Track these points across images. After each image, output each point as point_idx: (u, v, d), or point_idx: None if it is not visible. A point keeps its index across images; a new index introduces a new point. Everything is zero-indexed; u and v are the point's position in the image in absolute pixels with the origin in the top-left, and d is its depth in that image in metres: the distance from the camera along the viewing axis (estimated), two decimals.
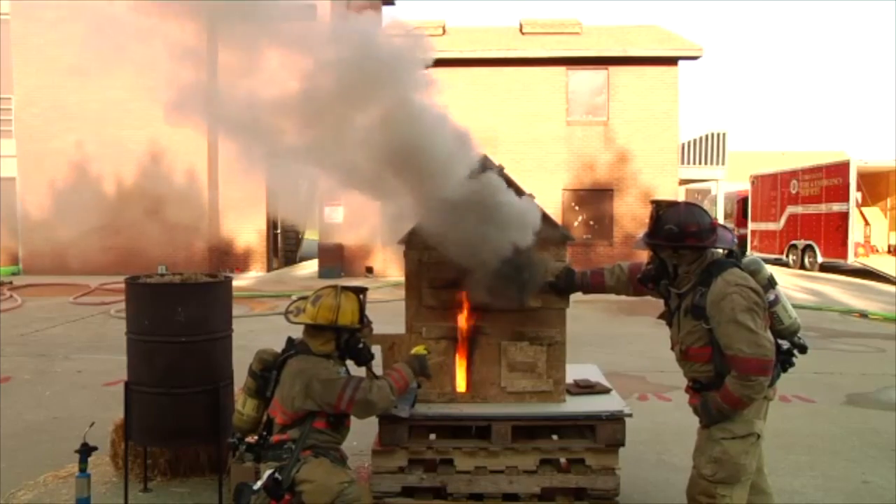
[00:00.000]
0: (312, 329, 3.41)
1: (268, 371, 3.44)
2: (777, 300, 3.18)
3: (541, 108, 19.39)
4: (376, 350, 3.90)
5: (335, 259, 18.88)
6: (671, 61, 19.39)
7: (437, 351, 3.92)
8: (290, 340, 3.51)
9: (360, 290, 3.53)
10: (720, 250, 3.21)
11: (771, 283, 3.19)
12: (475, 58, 18.67)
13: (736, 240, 3.34)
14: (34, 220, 18.45)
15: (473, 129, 3.68)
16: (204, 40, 3.38)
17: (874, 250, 19.22)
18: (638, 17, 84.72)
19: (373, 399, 3.27)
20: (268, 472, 3.14)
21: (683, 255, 3.13)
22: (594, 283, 3.78)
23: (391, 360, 3.91)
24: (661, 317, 3.42)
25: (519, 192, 3.79)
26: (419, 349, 3.64)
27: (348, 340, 3.44)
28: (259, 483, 3.11)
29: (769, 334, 3.03)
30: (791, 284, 15.93)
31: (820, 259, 19.23)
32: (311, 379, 3.25)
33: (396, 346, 3.96)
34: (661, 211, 3.17)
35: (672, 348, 3.32)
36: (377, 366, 3.88)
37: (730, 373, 2.98)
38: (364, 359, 3.54)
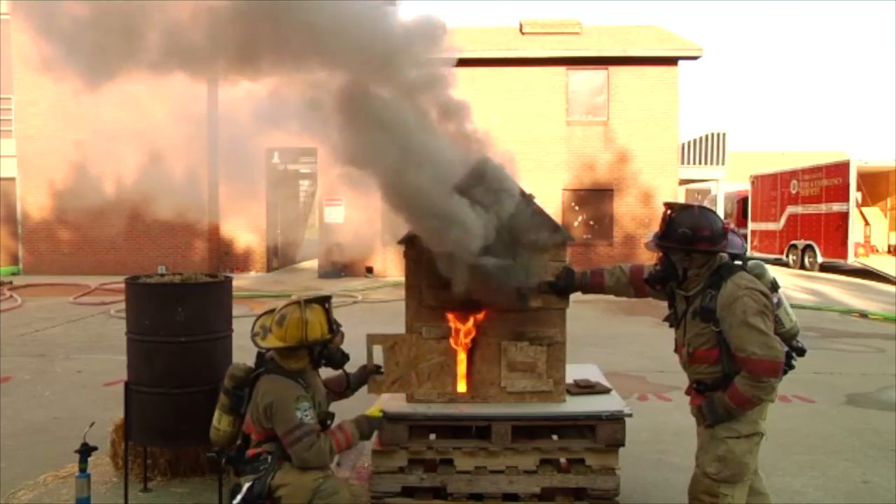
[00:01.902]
0: (284, 350, 3.35)
1: (240, 388, 3.42)
2: (779, 303, 3.21)
3: (541, 108, 19.38)
4: (377, 350, 3.90)
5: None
6: (671, 61, 19.39)
7: (438, 351, 3.92)
8: (259, 356, 3.48)
9: (325, 300, 3.49)
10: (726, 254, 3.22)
11: (773, 286, 3.21)
12: (475, 58, 18.62)
13: (747, 246, 3.35)
14: (34, 220, 18.46)
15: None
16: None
17: (874, 250, 19.21)
18: (638, 17, 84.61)
19: (308, 458, 3.21)
20: (246, 485, 3.16)
21: (695, 258, 3.15)
22: (594, 284, 3.79)
23: (392, 361, 3.91)
24: (665, 319, 3.43)
25: (518, 191, 3.79)
26: (374, 411, 3.61)
27: (321, 351, 3.42)
28: (238, 497, 3.12)
29: None
30: (791, 284, 15.90)
31: (820, 259, 19.22)
32: (274, 403, 3.24)
33: (397, 346, 3.96)
34: (675, 214, 3.19)
35: (676, 351, 3.33)
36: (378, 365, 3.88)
37: (739, 374, 2.99)
38: (339, 362, 3.54)
